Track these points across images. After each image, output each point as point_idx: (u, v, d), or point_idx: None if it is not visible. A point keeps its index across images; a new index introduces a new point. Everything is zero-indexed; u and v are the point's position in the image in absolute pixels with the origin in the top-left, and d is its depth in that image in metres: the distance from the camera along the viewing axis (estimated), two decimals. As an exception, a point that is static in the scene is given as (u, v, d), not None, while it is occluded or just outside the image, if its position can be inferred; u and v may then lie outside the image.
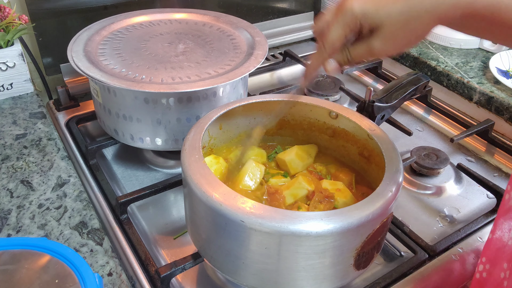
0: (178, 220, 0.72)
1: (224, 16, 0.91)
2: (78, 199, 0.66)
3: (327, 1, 1.25)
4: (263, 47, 0.80)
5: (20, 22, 0.84)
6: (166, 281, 0.58)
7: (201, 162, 0.52)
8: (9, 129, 0.79)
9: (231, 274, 0.54)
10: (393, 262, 0.65)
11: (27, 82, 0.88)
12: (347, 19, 0.47)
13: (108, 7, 0.94)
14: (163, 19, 0.90)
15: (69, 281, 0.43)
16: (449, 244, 0.66)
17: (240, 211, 0.47)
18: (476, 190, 0.79)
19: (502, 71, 0.95)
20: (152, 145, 0.77)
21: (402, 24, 0.46)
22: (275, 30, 1.20)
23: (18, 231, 0.60)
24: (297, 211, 0.47)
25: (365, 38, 0.48)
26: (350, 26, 0.47)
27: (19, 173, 0.70)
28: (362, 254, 0.50)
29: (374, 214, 0.47)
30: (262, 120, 0.67)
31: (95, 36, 0.81)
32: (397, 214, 0.71)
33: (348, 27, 0.47)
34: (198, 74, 0.73)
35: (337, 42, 0.48)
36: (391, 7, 0.46)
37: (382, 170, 0.53)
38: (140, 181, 0.79)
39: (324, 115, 0.65)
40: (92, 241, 0.59)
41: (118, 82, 0.68)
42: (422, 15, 0.45)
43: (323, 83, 1.03)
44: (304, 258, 0.48)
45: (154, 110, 0.72)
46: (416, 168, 0.81)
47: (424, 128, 0.96)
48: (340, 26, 0.48)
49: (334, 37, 0.48)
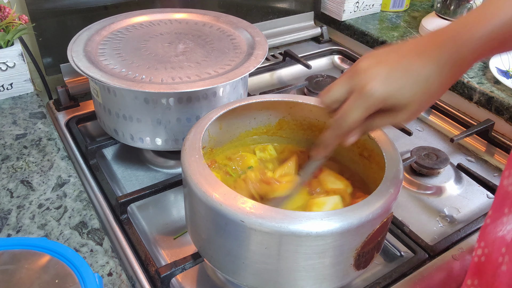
0: (178, 220, 0.72)
1: (224, 16, 0.91)
2: (78, 199, 0.66)
3: (327, 1, 1.25)
4: (263, 47, 0.80)
5: (20, 22, 0.84)
6: (166, 281, 0.58)
7: (201, 162, 0.52)
8: (9, 129, 0.79)
9: (231, 274, 0.54)
10: (393, 262, 0.65)
11: (27, 82, 0.88)
12: (370, 103, 0.44)
13: (108, 7, 0.94)
14: (163, 19, 0.90)
15: (69, 281, 0.43)
16: (449, 244, 0.66)
17: (240, 211, 0.46)
18: (476, 190, 0.79)
19: (502, 71, 0.95)
20: (152, 145, 0.77)
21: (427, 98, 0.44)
22: (275, 30, 1.20)
23: (18, 231, 0.60)
24: (297, 211, 0.47)
25: (386, 112, 0.46)
26: (372, 109, 0.45)
27: (19, 173, 0.70)
28: (362, 254, 0.50)
29: (374, 214, 0.47)
30: (262, 120, 0.67)
31: (95, 36, 0.81)
32: (397, 214, 0.71)
33: (369, 111, 0.45)
34: (198, 74, 0.73)
35: (357, 124, 0.46)
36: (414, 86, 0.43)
37: (382, 170, 0.53)
38: (140, 181, 0.79)
39: (324, 115, 0.65)
40: (92, 241, 0.59)
41: (118, 82, 0.68)
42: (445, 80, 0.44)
43: (323, 83, 1.03)
44: (304, 258, 0.48)
45: (154, 110, 0.72)
46: (416, 168, 0.81)
47: (424, 128, 0.96)
48: (361, 109, 0.45)
49: (353, 119, 0.45)
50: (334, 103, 0.48)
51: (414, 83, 0.43)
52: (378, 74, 0.44)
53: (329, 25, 1.27)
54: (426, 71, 0.43)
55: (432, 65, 0.43)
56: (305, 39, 1.24)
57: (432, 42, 0.44)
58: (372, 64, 0.45)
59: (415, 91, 0.44)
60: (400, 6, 1.28)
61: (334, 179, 0.61)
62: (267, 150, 0.66)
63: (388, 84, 0.43)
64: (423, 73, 0.43)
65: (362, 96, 0.44)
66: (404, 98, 0.44)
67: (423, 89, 0.44)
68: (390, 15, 1.26)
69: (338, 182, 0.61)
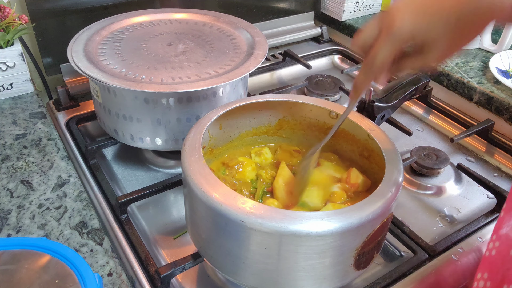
0: (178, 220, 0.72)
1: (224, 16, 0.91)
2: (78, 199, 0.66)
3: (327, 1, 1.25)
4: (263, 47, 0.80)
5: (20, 22, 0.84)
6: (166, 281, 0.58)
7: (201, 162, 0.52)
8: (9, 129, 0.79)
9: (231, 274, 0.54)
10: (393, 262, 0.65)
11: (27, 82, 0.88)
12: (398, 40, 0.44)
13: (108, 7, 0.94)
14: (163, 19, 0.90)
15: (69, 281, 0.43)
16: (449, 244, 0.66)
17: (240, 211, 0.46)
18: (476, 190, 0.79)
19: (502, 71, 0.95)
20: (152, 145, 0.77)
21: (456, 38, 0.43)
22: (275, 30, 1.20)
23: (18, 231, 0.60)
24: (297, 211, 0.47)
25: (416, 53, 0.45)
26: (402, 45, 0.44)
27: (19, 173, 0.70)
28: (362, 254, 0.50)
29: (374, 214, 0.47)
30: (262, 120, 0.67)
31: (95, 36, 0.81)
32: (397, 214, 0.71)
33: (398, 47, 0.44)
34: (198, 74, 0.73)
35: (388, 62, 0.46)
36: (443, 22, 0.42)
37: (382, 170, 0.53)
38: (140, 181, 0.79)
39: (324, 115, 0.65)
40: (92, 241, 0.59)
41: (118, 82, 0.68)
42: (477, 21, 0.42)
43: (323, 83, 1.03)
44: (304, 258, 0.48)
45: (154, 110, 0.72)
46: (416, 168, 0.81)
47: (424, 128, 0.96)
48: (390, 46, 0.44)
49: (384, 57, 0.45)
50: (366, 44, 0.47)
51: (445, 20, 0.42)
52: (408, 11, 0.43)
53: (329, 25, 1.27)
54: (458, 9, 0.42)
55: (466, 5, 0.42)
56: (305, 39, 1.24)
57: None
58: (404, 4, 0.45)
59: (445, 29, 0.43)
60: (400, 6, 1.28)
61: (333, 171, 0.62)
62: (262, 155, 0.66)
63: (417, 20, 0.43)
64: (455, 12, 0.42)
65: (390, 33, 0.44)
66: (433, 35, 0.43)
67: (453, 27, 0.43)
68: (390, 15, 1.26)
69: (337, 173, 0.62)
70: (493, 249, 0.52)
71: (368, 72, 0.48)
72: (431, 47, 0.44)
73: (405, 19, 0.43)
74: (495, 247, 0.52)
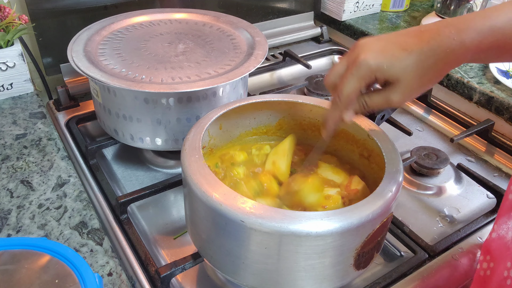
0: (178, 220, 0.72)
1: (224, 16, 0.91)
2: (78, 199, 0.66)
3: (327, 1, 1.25)
4: (263, 47, 0.80)
5: (20, 22, 0.84)
6: (166, 281, 0.58)
7: (201, 162, 0.52)
8: (9, 129, 0.79)
9: (231, 274, 0.54)
10: (393, 262, 0.65)
11: (27, 82, 0.88)
12: (362, 73, 0.46)
13: (108, 7, 0.94)
14: (163, 19, 0.90)
15: (69, 281, 0.43)
16: (449, 244, 0.66)
17: (240, 211, 0.47)
18: (476, 190, 0.79)
19: (502, 71, 0.95)
20: (152, 145, 0.77)
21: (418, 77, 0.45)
22: (275, 30, 1.20)
23: (18, 231, 0.60)
24: (297, 211, 0.47)
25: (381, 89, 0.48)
26: (365, 79, 0.46)
27: (19, 173, 0.70)
28: (362, 254, 0.50)
29: (374, 214, 0.47)
30: (262, 120, 0.67)
31: (95, 36, 0.81)
32: (397, 214, 0.71)
33: (363, 80, 0.46)
34: (198, 74, 0.73)
35: (352, 95, 0.48)
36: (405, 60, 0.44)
37: (382, 170, 0.53)
38: (140, 181, 0.79)
39: (324, 115, 0.65)
40: (92, 241, 0.59)
41: (118, 82, 0.68)
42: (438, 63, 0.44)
43: (323, 83, 1.03)
44: (304, 258, 0.48)
45: (154, 110, 0.72)
46: (416, 168, 0.81)
47: (424, 128, 0.96)
48: (355, 79, 0.46)
49: (349, 90, 0.47)
50: (335, 82, 0.49)
51: (406, 57, 0.44)
52: (372, 47, 0.46)
53: (329, 25, 1.27)
54: (419, 48, 0.45)
55: (427, 44, 0.44)
56: (305, 39, 1.24)
57: (431, 26, 0.46)
58: (369, 40, 0.48)
59: (406, 65, 0.45)
60: (400, 6, 1.28)
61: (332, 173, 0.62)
62: (263, 149, 0.66)
63: (381, 56, 0.45)
64: (416, 50, 0.44)
65: (356, 66, 0.46)
66: (396, 71, 0.45)
67: (415, 65, 0.45)
68: (390, 15, 1.26)
69: (336, 176, 0.61)
70: (487, 269, 0.53)
71: (336, 106, 0.50)
72: (394, 85, 0.46)
73: (368, 54, 0.46)
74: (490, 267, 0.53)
